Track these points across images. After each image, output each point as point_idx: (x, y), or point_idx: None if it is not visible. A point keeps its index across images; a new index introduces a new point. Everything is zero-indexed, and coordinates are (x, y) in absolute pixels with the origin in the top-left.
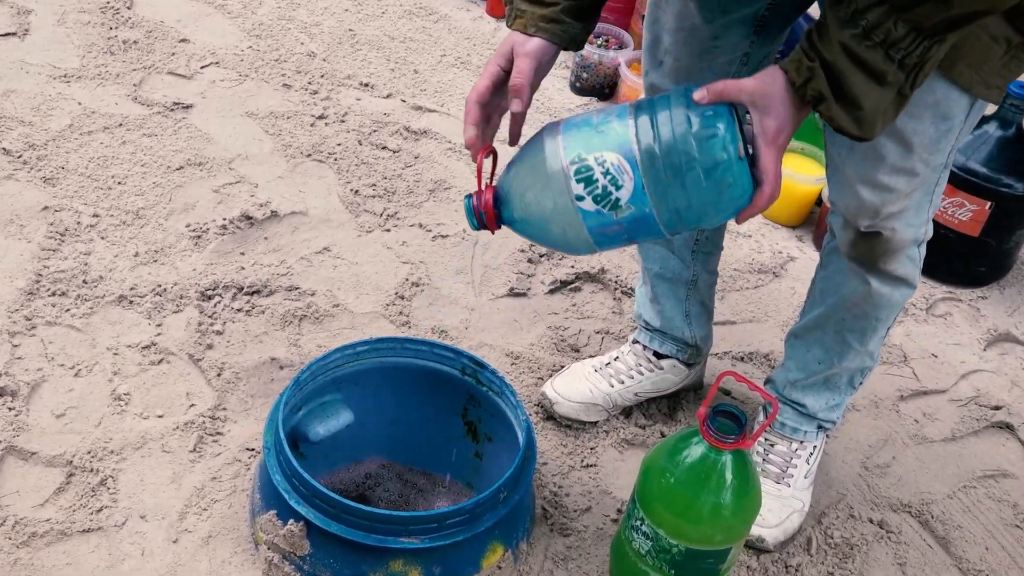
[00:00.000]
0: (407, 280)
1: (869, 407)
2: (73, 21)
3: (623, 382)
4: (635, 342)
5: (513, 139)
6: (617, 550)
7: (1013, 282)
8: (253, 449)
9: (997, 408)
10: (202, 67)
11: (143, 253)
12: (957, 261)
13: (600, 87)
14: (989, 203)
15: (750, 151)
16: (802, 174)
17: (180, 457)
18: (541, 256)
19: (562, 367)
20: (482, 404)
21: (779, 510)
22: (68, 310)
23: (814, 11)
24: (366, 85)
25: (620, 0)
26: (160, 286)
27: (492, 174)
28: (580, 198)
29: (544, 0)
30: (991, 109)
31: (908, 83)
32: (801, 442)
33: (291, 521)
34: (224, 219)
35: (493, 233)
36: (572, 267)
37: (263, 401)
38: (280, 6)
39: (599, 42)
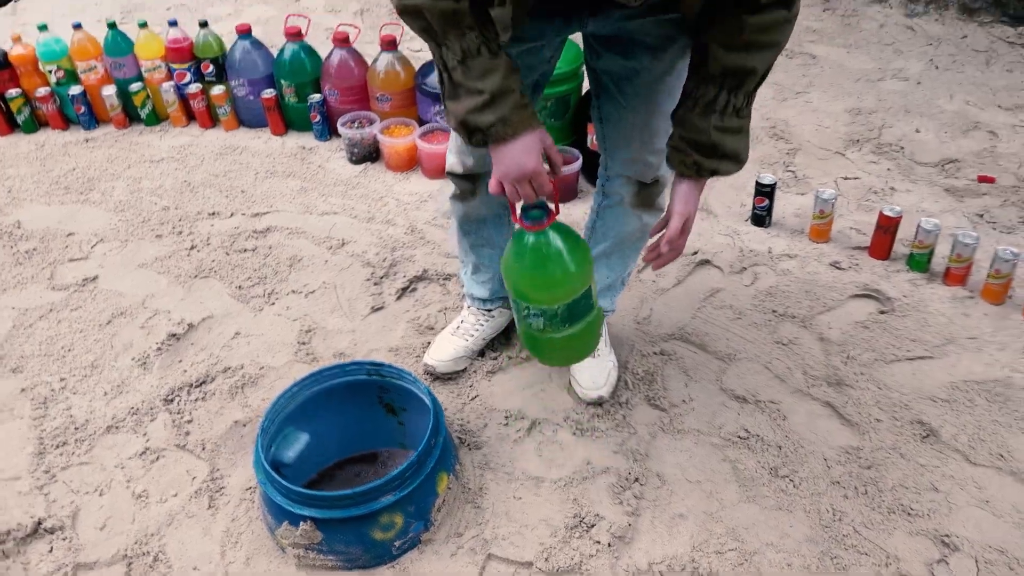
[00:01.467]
0: (301, 330)
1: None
2: None
3: (472, 335)
4: (469, 307)
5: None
6: (526, 337)
7: None
8: (251, 488)
9: (695, 253)
10: (92, 247)
11: (110, 391)
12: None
13: (369, 154)
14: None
15: None
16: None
17: (202, 516)
18: (381, 278)
19: (429, 343)
20: (391, 389)
21: (600, 373)
22: (74, 453)
23: None
24: (213, 214)
25: (358, 93)
26: (133, 408)
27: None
28: None
29: (524, 104)
30: None
31: (748, 118)
32: None
33: (301, 523)
34: (157, 343)
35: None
36: (404, 276)
37: (242, 453)
38: (128, 184)
39: (355, 125)
